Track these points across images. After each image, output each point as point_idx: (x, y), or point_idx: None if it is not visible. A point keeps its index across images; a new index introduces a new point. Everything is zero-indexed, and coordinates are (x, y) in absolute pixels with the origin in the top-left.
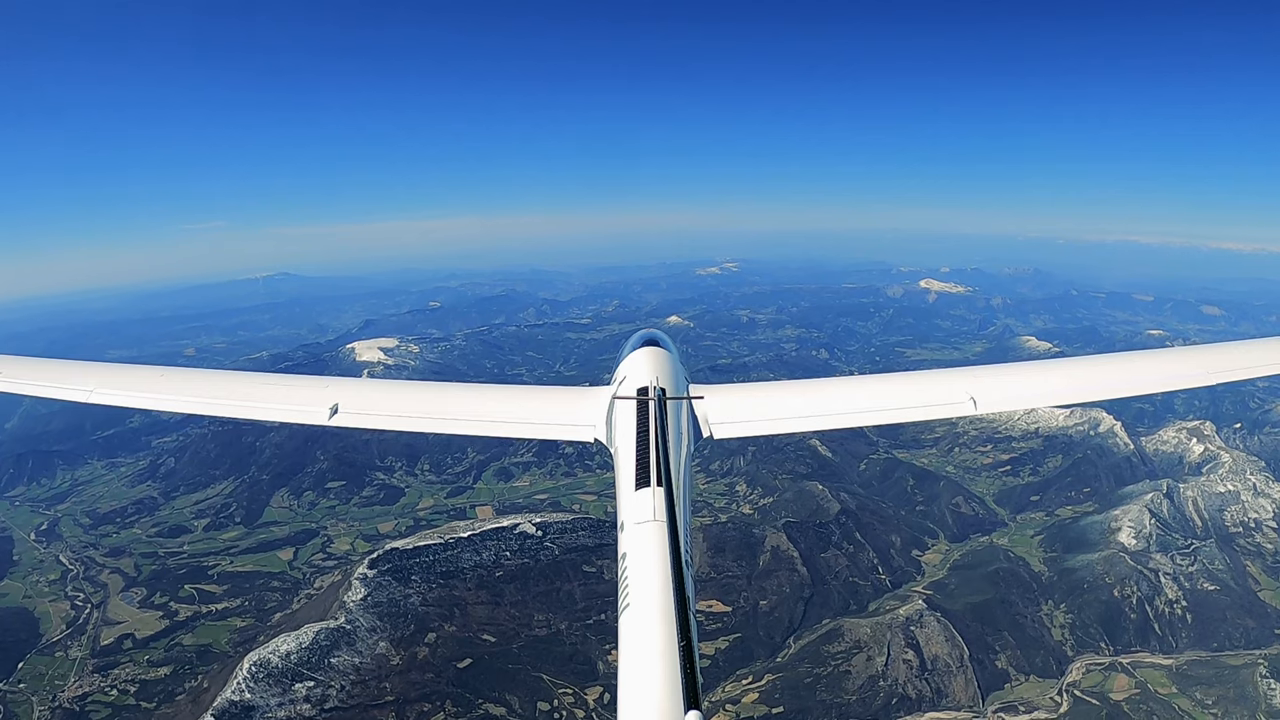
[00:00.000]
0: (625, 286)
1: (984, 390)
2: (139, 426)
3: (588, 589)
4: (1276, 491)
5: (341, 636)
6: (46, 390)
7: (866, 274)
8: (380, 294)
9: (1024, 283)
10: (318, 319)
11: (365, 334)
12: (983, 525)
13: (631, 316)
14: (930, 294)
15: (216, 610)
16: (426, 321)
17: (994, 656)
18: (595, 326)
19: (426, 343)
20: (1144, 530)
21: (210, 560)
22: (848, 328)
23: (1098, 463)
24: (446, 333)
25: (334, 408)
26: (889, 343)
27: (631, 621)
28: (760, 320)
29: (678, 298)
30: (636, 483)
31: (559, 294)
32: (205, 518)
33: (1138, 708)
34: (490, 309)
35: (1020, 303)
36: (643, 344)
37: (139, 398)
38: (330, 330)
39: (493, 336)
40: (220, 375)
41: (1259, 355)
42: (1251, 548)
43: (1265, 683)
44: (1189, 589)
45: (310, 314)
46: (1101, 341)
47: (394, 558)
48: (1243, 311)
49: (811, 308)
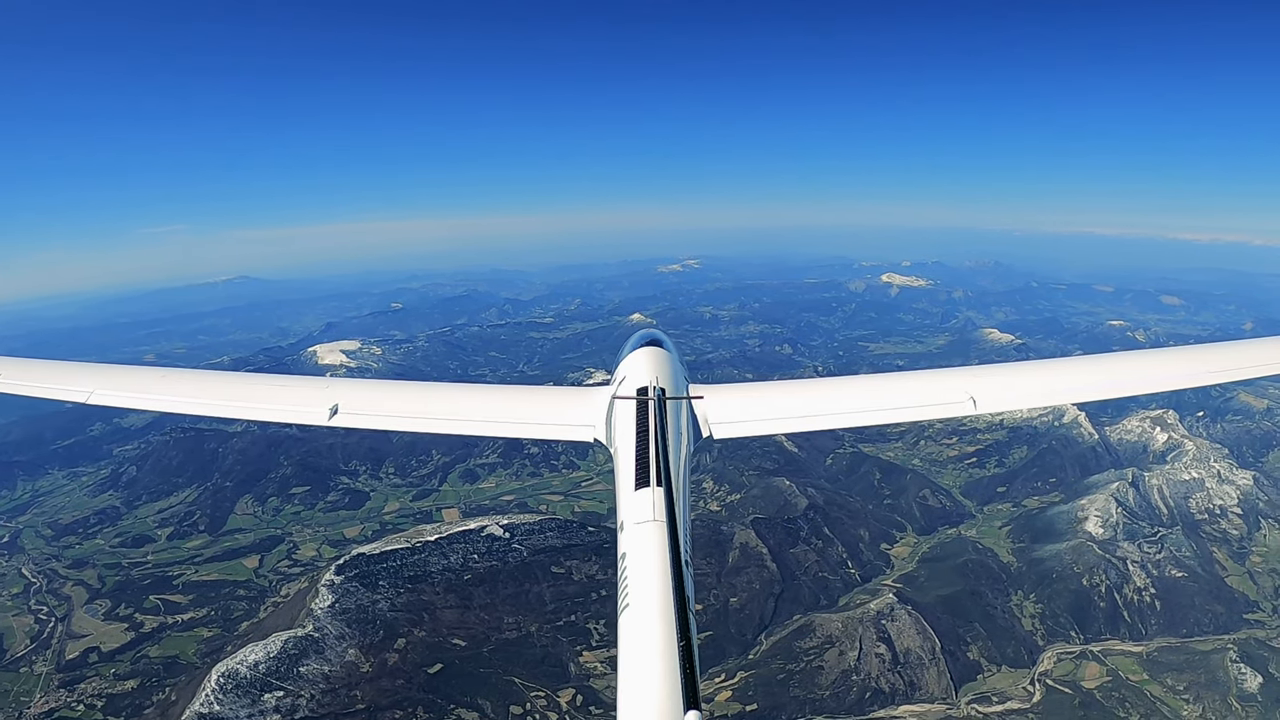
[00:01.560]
0: (587, 285)
1: (984, 390)
2: (100, 435)
3: (557, 590)
4: (1240, 478)
5: (310, 645)
6: (45, 392)
7: (828, 269)
8: (341, 296)
9: (985, 275)
10: (279, 322)
11: (327, 337)
12: (950, 517)
13: (594, 315)
14: (892, 288)
15: (182, 621)
16: (389, 323)
17: (965, 648)
18: (558, 325)
19: (389, 344)
20: (1111, 519)
21: (175, 570)
22: (811, 323)
23: (1063, 453)
24: (409, 334)
25: (334, 408)
26: (852, 337)
27: (631, 621)
28: (723, 317)
29: (640, 295)
30: (636, 483)
31: (521, 293)
32: (169, 526)
33: (1110, 695)
34: (452, 310)
35: (982, 295)
36: (643, 344)
37: (138, 399)
38: (292, 334)
39: (455, 337)
40: (220, 376)
41: (1261, 354)
42: (1217, 534)
43: (1235, 667)
44: (1157, 576)
45: (271, 317)
46: (1063, 333)
47: (361, 563)
48: (1202, 301)
49: (774, 303)
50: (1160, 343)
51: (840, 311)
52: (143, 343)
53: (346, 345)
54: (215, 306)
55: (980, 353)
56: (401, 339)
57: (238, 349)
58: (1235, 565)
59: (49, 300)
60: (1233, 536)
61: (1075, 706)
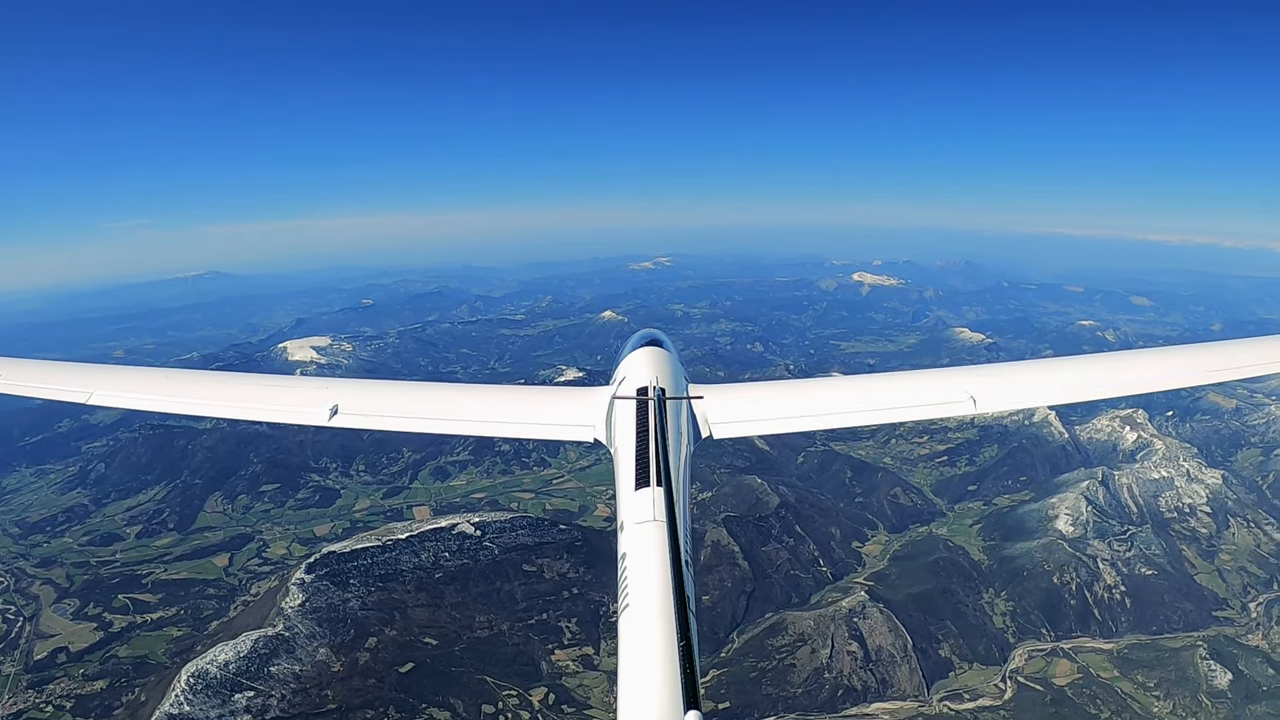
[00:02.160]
0: (558, 282)
1: (983, 389)
2: (68, 432)
3: (528, 588)
4: (1209, 477)
5: (280, 644)
6: (46, 392)
7: (800, 267)
8: (312, 292)
9: (955, 275)
10: (249, 318)
11: (297, 333)
12: (921, 515)
13: (565, 312)
14: (864, 287)
15: (152, 620)
16: (359, 319)
17: (937, 645)
18: (529, 323)
19: (359, 341)
20: (1081, 517)
21: (144, 568)
22: (782, 321)
23: (1033, 452)
24: (380, 331)
25: (334, 408)
26: (823, 335)
27: (631, 621)
28: (695, 315)
29: (611, 293)
30: (636, 483)
31: (492, 290)
32: (138, 524)
33: (1080, 692)
34: (423, 306)
35: (952, 294)
36: (643, 344)
37: (139, 399)
38: (262, 329)
39: (426, 334)
40: (220, 377)
41: (1260, 354)
42: (1187, 532)
43: (1205, 664)
44: (1127, 574)
45: (241, 313)
46: (1034, 332)
47: (331, 561)
48: (1171, 302)
49: (745, 301)
50: (1130, 343)
51: (811, 310)
52: (111, 338)
53: (317, 341)
54: (185, 302)
55: (951, 351)
56: (372, 335)
57: (207, 345)
58: (1204, 563)
59: (15, 295)
60: (1202, 535)
61: (1046, 704)
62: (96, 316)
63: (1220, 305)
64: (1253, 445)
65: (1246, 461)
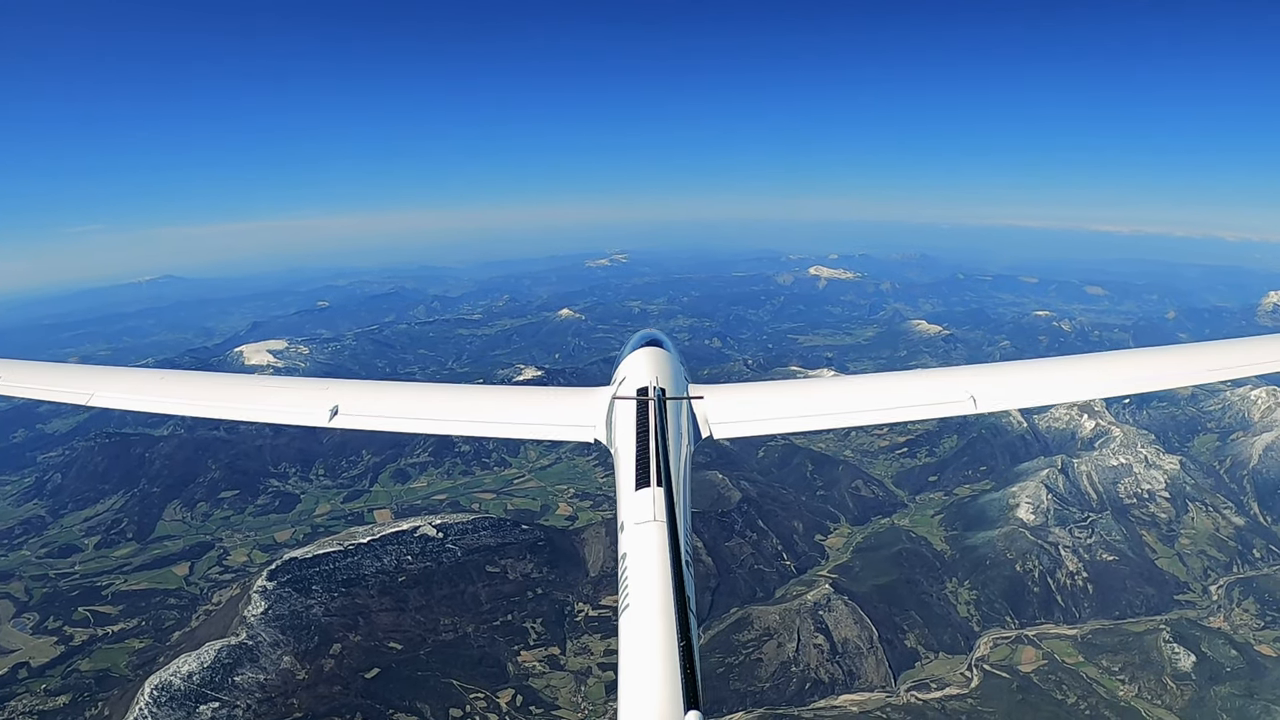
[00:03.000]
0: (515, 281)
1: (984, 388)
2: (23, 442)
3: (493, 590)
4: (1167, 463)
5: (244, 653)
6: (46, 394)
7: (756, 262)
8: (267, 295)
9: (911, 267)
10: (204, 323)
11: (253, 337)
12: (883, 507)
13: (522, 311)
14: (820, 280)
15: (113, 632)
16: (315, 322)
17: (903, 636)
18: (486, 322)
19: (316, 344)
20: (1042, 505)
21: (104, 580)
22: (740, 316)
23: (993, 441)
24: (336, 333)
25: (334, 409)
26: (781, 330)
27: (631, 621)
28: (652, 311)
29: (568, 290)
30: (636, 483)
31: (449, 290)
32: (96, 535)
33: (1046, 678)
34: (380, 307)
35: (909, 287)
36: (643, 344)
37: (139, 400)
38: (217, 334)
39: (384, 335)
40: (221, 378)
41: (1260, 353)
42: (1146, 518)
43: (1169, 647)
44: (1089, 560)
45: (196, 317)
46: (990, 323)
47: (293, 568)
48: (1125, 291)
49: (702, 297)
50: (1085, 332)
51: (769, 304)
52: (67, 344)
53: (273, 345)
54: (139, 307)
55: (909, 344)
56: (329, 338)
57: (162, 350)
58: (1165, 548)
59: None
60: (1161, 520)
61: (1013, 691)
62: (52, 323)
63: (1173, 294)
64: (1209, 431)
65: (1203, 447)
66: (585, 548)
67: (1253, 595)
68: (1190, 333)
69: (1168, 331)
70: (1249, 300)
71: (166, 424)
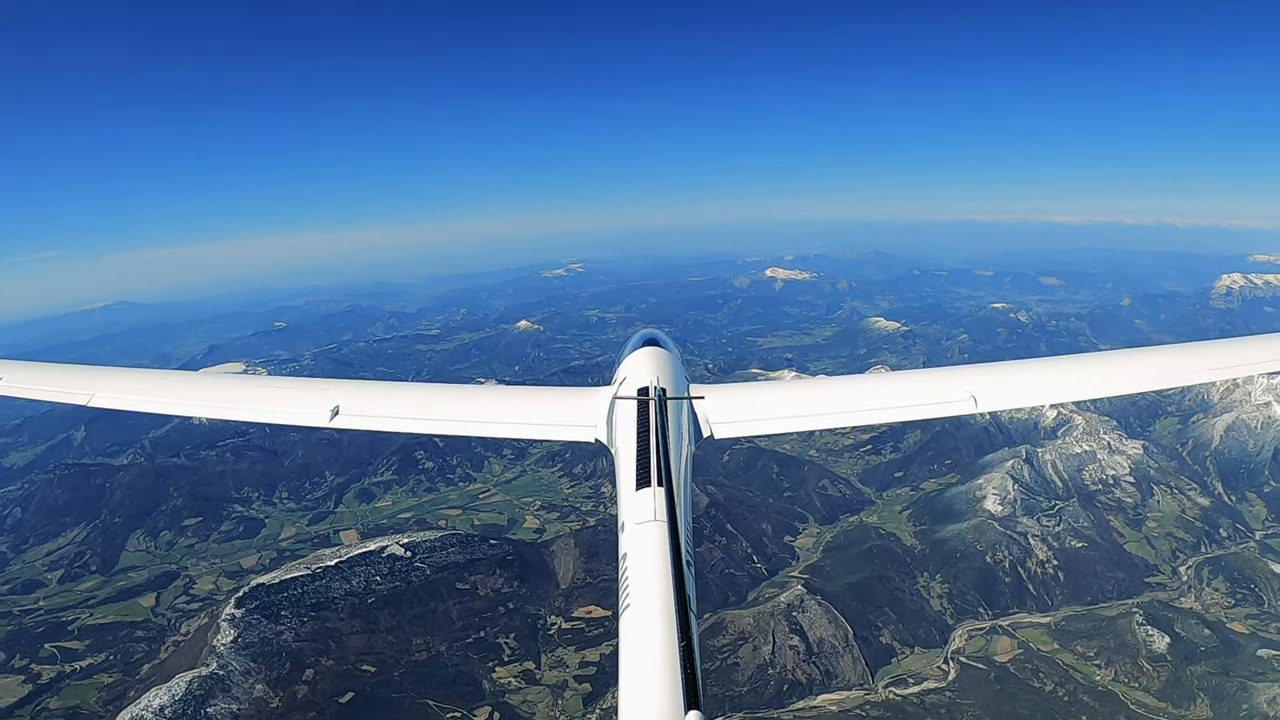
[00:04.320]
0: (472, 294)
1: (985, 388)
2: None
3: (464, 607)
4: (1131, 448)
5: (215, 683)
6: (47, 395)
7: (712, 266)
8: (223, 318)
9: (867, 265)
10: (160, 348)
11: (211, 360)
12: (851, 505)
13: (480, 324)
14: (777, 282)
15: (81, 668)
16: (273, 343)
17: (878, 633)
18: (445, 337)
19: (274, 365)
20: (1008, 496)
21: (69, 614)
22: (698, 320)
23: (956, 434)
24: (294, 353)
25: (335, 409)
26: (740, 333)
27: (632, 621)
28: (610, 319)
29: (526, 301)
30: (637, 483)
31: (406, 305)
32: (59, 569)
33: (1023, 667)
34: (337, 326)
35: (865, 285)
36: (643, 344)
37: (139, 401)
38: (174, 359)
39: (342, 354)
40: (221, 379)
41: (1260, 352)
42: (1112, 503)
43: (1143, 630)
44: (1058, 548)
45: (152, 343)
46: (948, 318)
47: (261, 594)
48: (1080, 280)
49: (660, 303)
50: (1042, 323)
51: (726, 308)
52: None
53: (231, 368)
54: (94, 334)
55: (868, 341)
56: (287, 358)
57: None
58: (1132, 532)
59: None
60: (1127, 504)
61: (991, 681)
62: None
63: (1127, 281)
64: (1170, 414)
65: (1165, 430)
66: (555, 560)
67: (1222, 574)
68: (1146, 319)
69: (1124, 318)
70: (1202, 284)
71: (126, 452)
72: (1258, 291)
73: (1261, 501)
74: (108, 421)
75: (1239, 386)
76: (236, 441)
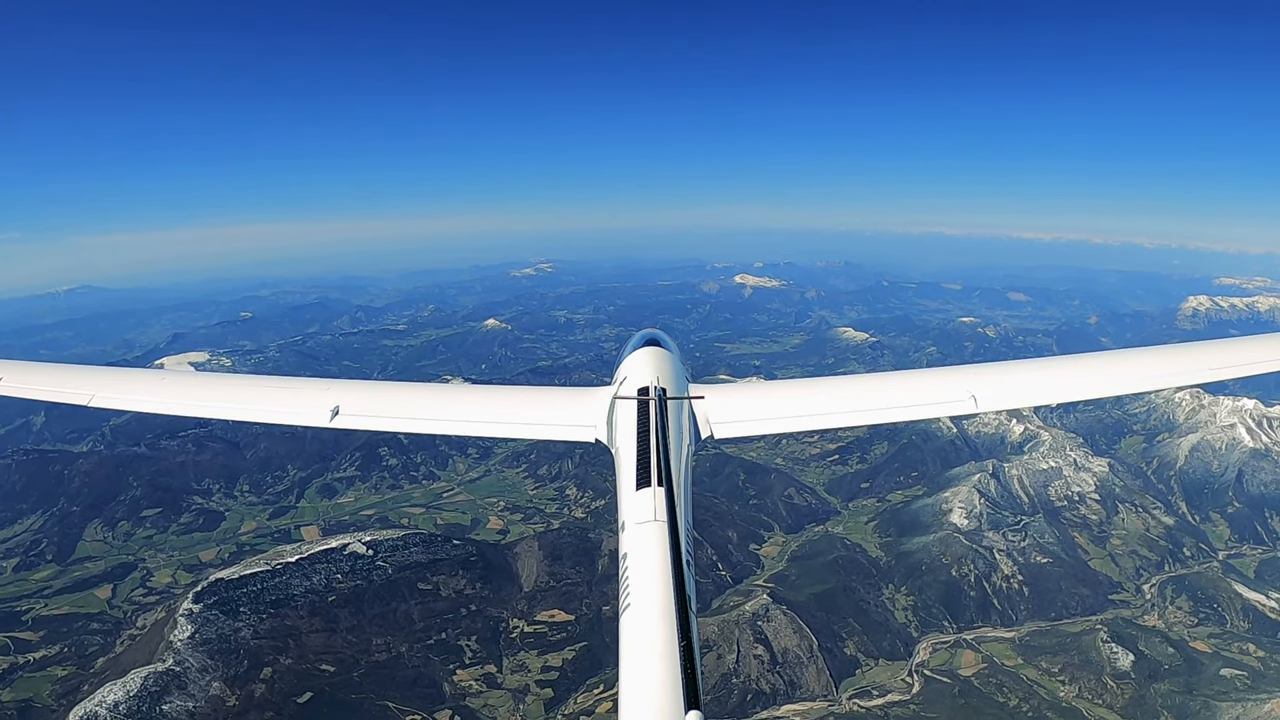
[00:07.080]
0: (440, 291)
1: (984, 388)
2: None
3: (425, 608)
4: (1096, 465)
5: (171, 680)
6: (47, 395)
7: (682, 271)
8: (188, 305)
9: (836, 275)
10: (123, 334)
11: (174, 349)
12: (817, 515)
13: (447, 321)
14: (746, 289)
15: (34, 660)
16: (238, 333)
17: (842, 644)
18: (411, 333)
19: (239, 355)
20: (974, 510)
21: (23, 604)
22: (666, 325)
23: (923, 447)
24: (259, 344)
25: (335, 409)
26: (708, 338)
27: (632, 621)
28: (578, 320)
29: (493, 300)
30: (637, 483)
31: (373, 300)
32: (14, 557)
33: (987, 681)
34: (303, 318)
35: (834, 294)
36: (644, 344)
37: (140, 401)
38: (137, 345)
39: (307, 346)
40: (221, 379)
41: (1260, 352)
42: (1078, 520)
43: (1107, 647)
44: (1023, 563)
45: (115, 329)
46: (916, 329)
47: (220, 589)
48: (1047, 297)
49: (628, 306)
50: (1010, 338)
51: (695, 313)
52: None
53: (195, 357)
54: (56, 318)
55: (836, 351)
56: (252, 349)
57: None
58: (1097, 549)
59: None
60: (1092, 521)
61: (955, 695)
62: None
63: (1094, 299)
64: (1135, 433)
65: (1130, 448)
66: (518, 562)
67: (1185, 593)
68: (1112, 337)
69: (1090, 336)
70: (1168, 305)
71: (86, 439)
72: (1224, 314)
73: (1225, 522)
74: (68, 407)
75: (1204, 408)
76: (198, 432)
